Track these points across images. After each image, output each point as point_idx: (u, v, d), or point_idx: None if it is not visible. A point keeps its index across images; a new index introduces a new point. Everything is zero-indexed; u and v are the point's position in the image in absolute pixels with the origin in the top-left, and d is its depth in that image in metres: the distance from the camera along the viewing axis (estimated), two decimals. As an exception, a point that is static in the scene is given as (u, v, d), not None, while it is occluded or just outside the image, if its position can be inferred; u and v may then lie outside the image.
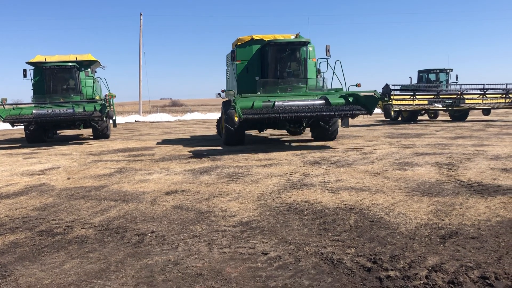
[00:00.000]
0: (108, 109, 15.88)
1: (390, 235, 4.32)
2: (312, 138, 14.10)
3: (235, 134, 12.75)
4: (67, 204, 6.21)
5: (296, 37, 13.73)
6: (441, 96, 22.60)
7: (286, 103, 11.32)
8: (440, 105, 22.68)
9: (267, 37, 13.52)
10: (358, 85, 12.23)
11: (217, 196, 6.32)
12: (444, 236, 4.22)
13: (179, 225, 4.95)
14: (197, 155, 11.33)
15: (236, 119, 10.94)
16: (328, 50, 12.89)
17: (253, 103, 11.25)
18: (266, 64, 13.42)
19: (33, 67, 17.65)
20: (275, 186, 6.87)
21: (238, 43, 13.88)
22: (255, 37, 13.68)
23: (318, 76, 13.60)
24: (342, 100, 11.38)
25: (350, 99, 11.42)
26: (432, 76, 26.47)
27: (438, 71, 26.34)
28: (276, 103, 11.24)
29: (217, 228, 4.77)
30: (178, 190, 6.86)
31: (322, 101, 11.39)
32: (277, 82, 13.22)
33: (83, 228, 4.97)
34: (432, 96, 22.43)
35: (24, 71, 17.37)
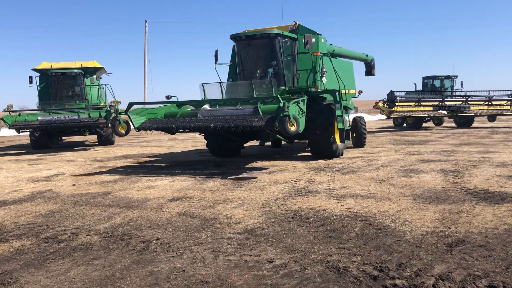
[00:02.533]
0: (113, 115, 15.90)
1: (396, 243, 4.29)
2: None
3: (212, 145, 11.76)
4: (72, 210, 6.21)
5: (294, 27, 11.75)
6: (446, 103, 22.55)
7: (214, 112, 9.66)
8: (445, 112, 22.63)
9: (262, 31, 11.32)
10: (315, 88, 10.61)
11: (222, 203, 6.31)
12: (451, 244, 4.19)
13: (184, 232, 4.94)
14: (201, 161, 11.32)
15: (123, 131, 9.63)
16: (307, 42, 10.57)
17: (179, 111, 9.98)
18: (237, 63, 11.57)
19: (39, 74, 17.78)
20: (280, 193, 6.85)
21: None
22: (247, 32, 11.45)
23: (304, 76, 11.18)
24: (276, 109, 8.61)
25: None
26: (437, 83, 26.45)
27: (443, 77, 26.32)
28: (201, 111, 9.70)
29: (222, 235, 4.76)
30: (183, 197, 6.85)
31: (251, 109, 9.23)
32: (235, 85, 11.27)
33: (88, 235, 4.97)
34: (437, 103, 22.38)
35: (30, 77, 17.50)
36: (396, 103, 21.34)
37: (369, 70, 16.08)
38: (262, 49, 11.41)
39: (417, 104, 21.88)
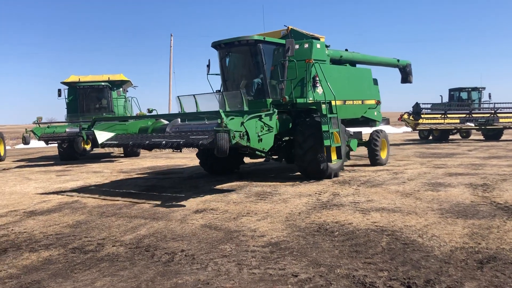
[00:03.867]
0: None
1: (424, 259, 4.19)
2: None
3: (204, 161, 10.99)
4: (99, 221, 6.30)
5: (286, 32, 10.78)
6: (473, 115, 22.12)
7: (181, 127, 8.94)
8: (472, 124, 22.19)
9: (240, 38, 9.97)
10: (283, 100, 9.30)
11: (245, 215, 6.30)
12: (481, 261, 4.07)
13: (208, 244, 4.94)
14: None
15: (87, 146, 8.99)
16: (288, 49, 9.22)
17: (151, 126, 9.30)
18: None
19: (67, 87, 18.24)
20: (304, 206, 6.80)
21: None
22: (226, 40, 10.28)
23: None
24: (237, 124, 7.35)
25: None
26: (464, 95, 26.01)
27: (470, 89, 25.87)
28: (169, 125, 9.06)
29: (246, 248, 4.74)
30: (207, 209, 6.87)
31: (215, 125, 7.86)
32: (208, 97, 10.00)
33: (114, 245, 5.03)
34: (464, 115, 21.97)
35: (59, 90, 17.96)
36: (422, 115, 21.05)
37: (405, 76, 14.59)
38: (243, 57, 10.51)
39: (443, 116, 21.53)
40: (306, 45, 10.29)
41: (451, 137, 24.69)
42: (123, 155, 18.87)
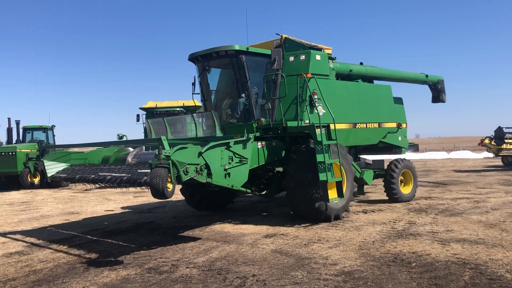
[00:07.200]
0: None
1: (514, 297, 3.85)
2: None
3: (189, 195, 9.24)
4: (173, 242, 6.48)
5: (280, 41, 9.12)
6: None
7: (143, 156, 7.52)
8: None
9: (219, 48, 8.48)
10: (259, 123, 7.93)
11: (316, 242, 6.18)
12: None
13: (279, 270, 4.89)
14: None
15: (36, 180, 7.27)
16: (275, 60, 7.82)
17: (113, 155, 7.85)
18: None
19: (145, 112, 19.22)
20: (378, 234, 6.55)
21: None
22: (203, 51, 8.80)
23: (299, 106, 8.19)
24: (192, 155, 5.89)
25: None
26: (554, 118, 24.06)
27: (561, 112, 23.91)
28: (131, 154, 7.63)
29: (318, 276, 4.63)
30: (277, 233, 6.83)
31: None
32: (180, 120, 8.99)
33: (187, 267, 5.13)
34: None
35: (137, 116, 18.96)
36: (505, 140, 19.72)
37: (436, 95, 12.37)
38: (224, 72, 9.06)
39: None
40: (303, 57, 8.56)
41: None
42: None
